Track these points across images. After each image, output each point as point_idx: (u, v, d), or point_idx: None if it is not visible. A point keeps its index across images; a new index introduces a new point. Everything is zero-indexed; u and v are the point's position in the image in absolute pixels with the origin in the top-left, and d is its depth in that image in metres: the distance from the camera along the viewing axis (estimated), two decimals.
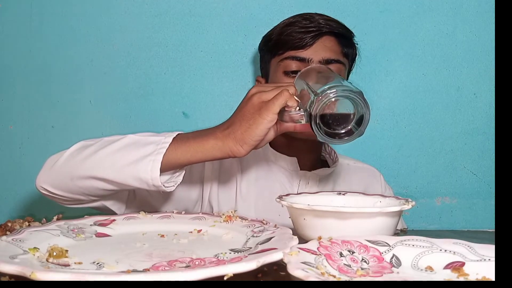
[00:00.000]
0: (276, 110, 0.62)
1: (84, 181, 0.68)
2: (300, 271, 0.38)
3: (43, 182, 0.72)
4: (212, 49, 1.15)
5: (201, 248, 0.53)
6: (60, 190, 0.71)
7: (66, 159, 0.70)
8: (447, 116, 1.17)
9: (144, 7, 1.14)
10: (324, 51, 0.86)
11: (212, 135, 0.65)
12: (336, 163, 0.95)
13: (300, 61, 0.86)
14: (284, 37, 0.88)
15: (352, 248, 0.49)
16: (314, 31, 0.86)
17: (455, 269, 0.45)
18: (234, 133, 0.64)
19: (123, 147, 0.67)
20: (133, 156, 0.65)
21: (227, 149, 0.64)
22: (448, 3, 1.16)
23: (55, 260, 0.46)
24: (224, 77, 1.15)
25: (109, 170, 0.66)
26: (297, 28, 0.87)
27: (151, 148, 0.65)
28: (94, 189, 0.69)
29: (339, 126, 0.60)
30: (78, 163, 0.68)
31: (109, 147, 0.67)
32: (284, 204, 0.59)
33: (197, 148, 0.65)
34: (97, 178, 0.67)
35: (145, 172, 0.64)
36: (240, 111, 0.65)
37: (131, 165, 0.65)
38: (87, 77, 1.14)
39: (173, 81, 1.15)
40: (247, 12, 1.15)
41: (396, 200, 0.63)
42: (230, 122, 0.66)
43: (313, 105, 0.58)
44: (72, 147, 0.71)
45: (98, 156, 0.67)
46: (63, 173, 0.70)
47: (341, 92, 0.57)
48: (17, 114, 1.14)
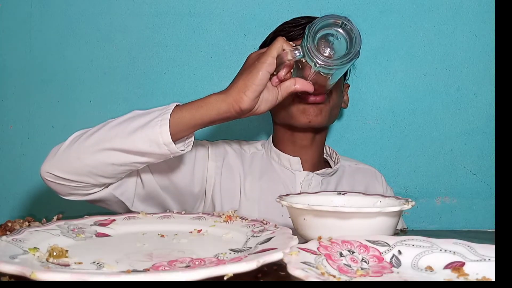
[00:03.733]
0: (274, 53, 0.66)
1: (92, 156, 0.68)
2: (300, 271, 0.38)
3: (49, 168, 0.71)
4: (212, 49, 1.15)
5: (201, 248, 0.53)
6: (67, 173, 0.70)
7: (70, 142, 0.70)
8: (447, 116, 1.17)
9: (144, 7, 1.14)
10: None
11: (214, 102, 0.68)
12: (338, 163, 0.95)
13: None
14: (278, 33, 0.89)
15: (352, 248, 0.49)
16: (305, 23, 0.87)
17: (455, 269, 0.45)
18: (236, 83, 0.68)
19: (128, 118, 0.70)
20: (140, 122, 0.67)
21: (231, 99, 0.67)
22: (448, 3, 1.16)
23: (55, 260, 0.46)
24: (224, 77, 1.15)
25: (117, 139, 0.67)
26: (291, 23, 0.90)
27: (156, 113, 0.68)
28: (103, 164, 0.69)
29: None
30: (84, 141, 0.69)
31: (112, 121, 0.70)
32: (284, 204, 0.59)
33: (201, 103, 0.68)
34: (106, 149, 0.67)
35: (154, 132, 0.65)
36: (240, 72, 0.70)
37: (139, 129, 0.66)
38: (87, 77, 1.14)
39: (173, 81, 1.15)
40: (247, 12, 1.15)
41: (396, 200, 0.63)
42: (231, 85, 0.69)
43: (306, 36, 0.64)
44: (72, 135, 0.72)
45: (104, 130, 0.69)
46: (70, 155, 0.69)
47: (327, 20, 0.65)
48: (17, 114, 1.14)
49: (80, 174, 0.70)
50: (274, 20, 1.11)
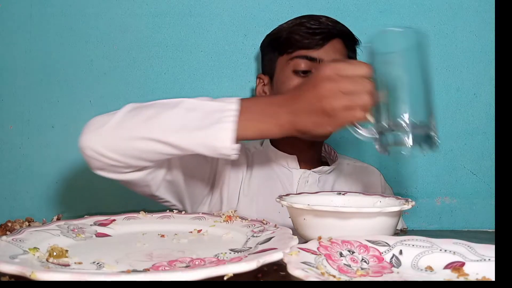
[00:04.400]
0: (345, 126, 0.61)
1: (144, 143, 0.65)
2: (300, 271, 0.38)
3: (93, 142, 0.66)
4: (212, 49, 1.15)
5: (201, 248, 0.53)
6: (112, 151, 0.66)
7: (121, 118, 0.66)
8: (447, 116, 1.17)
9: (144, 7, 1.14)
10: (334, 53, 0.87)
11: (277, 120, 0.64)
12: (335, 162, 0.95)
13: (310, 60, 0.86)
14: (295, 36, 0.88)
15: (352, 248, 0.49)
16: (324, 32, 0.87)
17: (455, 269, 0.45)
18: (296, 124, 0.63)
19: (188, 111, 0.65)
20: (202, 122, 0.63)
21: (300, 126, 0.63)
22: (448, 3, 1.16)
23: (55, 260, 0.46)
24: (224, 77, 1.15)
25: (176, 134, 0.64)
26: (306, 29, 0.88)
27: (220, 114, 0.63)
28: (152, 152, 0.66)
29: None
30: (140, 123, 0.65)
31: (173, 111, 0.65)
32: (284, 204, 0.59)
33: (265, 111, 0.64)
34: (160, 141, 0.64)
35: (215, 142, 0.62)
36: (311, 101, 0.62)
37: (201, 131, 0.62)
38: (87, 77, 1.14)
39: (173, 81, 1.15)
40: (247, 12, 1.15)
41: (396, 200, 0.63)
42: (298, 107, 0.63)
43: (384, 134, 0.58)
44: (123, 108, 0.68)
45: (163, 118, 0.65)
46: (120, 133, 0.66)
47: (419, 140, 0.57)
48: (17, 114, 1.14)
49: (125, 155, 0.67)
50: (274, 20, 1.11)
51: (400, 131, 0.58)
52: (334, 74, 0.60)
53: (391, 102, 0.59)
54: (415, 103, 0.58)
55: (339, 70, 0.60)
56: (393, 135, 0.58)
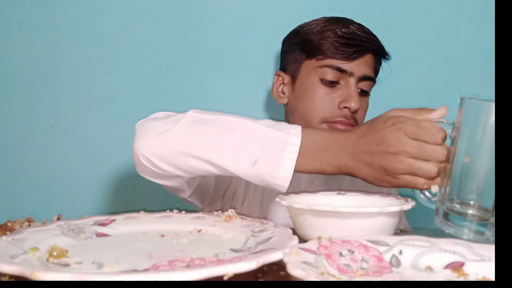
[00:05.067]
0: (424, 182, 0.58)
1: (198, 162, 0.63)
2: (300, 270, 0.38)
3: (147, 150, 0.64)
4: (212, 49, 1.15)
5: (201, 248, 0.53)
6: (164, 162, 0.65)
7: (181, 132, 0.64)
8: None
9: (144, 7, 1.14)
10: (365, 68, 0.87)
11: (335, 161, 0.61)
12: None
13: (340, 71, 0.85)
14: (326, 43, 0.86)
15: (352, 248, 0.49)
16: (358, 45, 0.85)
17: (455, 269, 0.45)
18: (354, 170, 0.61)
19: (248, 138, 0.62)
20: (261, 151, 0.61)
21: (363, 175, 0.62)
22: (448, 3, 1.16)
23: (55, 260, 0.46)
24: (224, 77, 1.15)
25: (233, 162, 0.62)
26: (338, 37, 0.85)
27: (281, 148, 0.61)
28: (203, 171, 0.65)
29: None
30: (199, 142, 0.63)
31: (232, 134, 0.63)
32: (284, 204, 0.59)
33: (319, 167, 0.62)
34: (215, 165, 0.63)
35: (274, 178, 0.60)
36: (376, 154, 0.59)
37: (259, 164, 0.60)
38: (87, 77, 1.14)
39: (173, 81, 1.15)
40: (247, 12, 1.15)
41: (396, 200, 0.63)
42: (360, 156, 0.60)
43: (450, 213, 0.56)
44: (185, 117, 0.65)
45: (222, 142, 0.63)
46: (176, 147, 0.64)
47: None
48: (17, 114, 1.14)
49: (176, 168, 0.65)
50: (274, 20, 1.11)
51: (466, 214, 0.55)
52: (410, 135, 0.57)
53: (463, 180, 0.55)
54: (486, 187, 0.54)
55: (417, 134, 0.57)
56: (458, 217, 0.55)
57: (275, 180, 0.61)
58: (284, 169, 0.60)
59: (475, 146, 0.54)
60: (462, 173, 0.55)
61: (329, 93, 0.86)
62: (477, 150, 0.54)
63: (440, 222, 0.57)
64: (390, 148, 0.57)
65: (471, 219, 0.54)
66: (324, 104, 0.86)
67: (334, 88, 0.86)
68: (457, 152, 0.56)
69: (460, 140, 0.56)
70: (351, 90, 0.85)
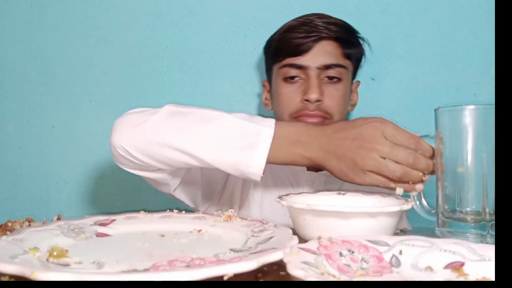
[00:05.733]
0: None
1: (174, 152, 0.65)
2: (300, 270, 0.38)
3: (123, 141, 0.67)
4: (212, 49, 1.15)
5: (201, 247, 0.53)
6: (141, 153, 0.66)
7: (157, 123, 0.66)
8: None
9: (144, 7, 1.14)
10: (323, 57, 0.86)
11: (307, 152, 0.63)
12: None
13: (298, 68, 0.86)
14: (283, 43, 0.89)
15: (352, 247, 0.49)
16: (311, 36, 0.86)
17: (455, 269, 0.45)
18: (324, 162, 0.62)
19: (223, 129, 0.64)
20: (235, 142, 0.63)
21: (337, 170, 0.63)
22: (448, 3, 1.16)
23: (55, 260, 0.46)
24: (224, 77, 1.15)
25: (208, 151, 0.64)
26: (295, 34, 0.87)
27: (255, 138, 0.62)
28: (180, 162, 0.66)
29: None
30: (172, 132, 0.65)
31: (207, 126, 0.64)
32: (284, 204, 0.59)
33: (291, 157, 0.64)
34: (191, 155, 0.64)
35: (250, 164, 0.62)
36: (348, 148, 0.60)
37: (233, 152, 0.62)
38: (87, 77, 1.14)
39: (173, 81, 1.15)
40: (247, 12, 1.15)
41: (396, 200, 0.63)
42: (332, 148, 0.62)
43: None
44: (162, 109, 0.67)
45: (198, 132, 0.64)
46: (152, 138, 0.65)
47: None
48: (17, 114, 1.14)
49: (153, 159, 0.67)
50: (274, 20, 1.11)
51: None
52: (384, 136, 0.59)
53: (457, 188, 0.56)
54: (482, 191, 0.55)
55: (393, 136, 0.59)
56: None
57: (249, 169, 0.62)
58: (257, 158, 0.62)
59: (460, 152, 0.56)
60: (455, 182, 0.56)
61: (292, 90, 0.88)
62: (462, 155, 0.55)
63: (441, 233, 0.58)
64: (364, 143, 0.59)
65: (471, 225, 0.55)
66: (289, 101, 0.88)
67: (296, 83, 0.88)
68: (445, 162, 0.57)
69: (445, 149, 0.57)
70: (309, 82, 0.86)
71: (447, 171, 0.57)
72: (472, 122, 0.55)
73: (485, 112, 0.55)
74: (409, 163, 0.58)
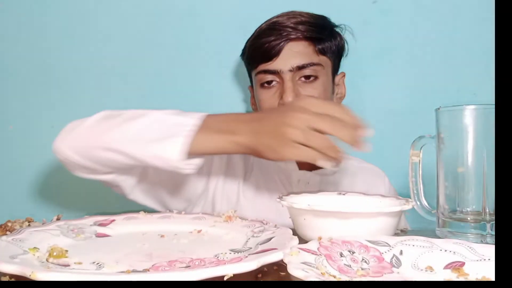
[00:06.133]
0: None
1: (104, 152, 0.66)
2: (300, 271, 0.38)
3: (62, 147, 0.69)
4: (212, 49, 1.15)
5: (201, 248, 0.53)
6: (79, 155, 0.68)
7: (90, 125, 0.68)
8: None
9: (144, 7, 1.14)
10: (294, 58, 0.85)
11: (234, 137, 0.62)
12: None
13: (272, 73, 0.86)
14: (254, 50, 0.89)
15: (352, 248, 0.49)
16: (280, 39, 0.85)
17: (455, 269, 0.45)
18: (252, 144, 0.61)
19: (149, 124, 0.64)
20: (159, 134, 0.63)
21: (261, 149, 0.61)
22: (448, 3, 1.16)
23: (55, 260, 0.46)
24: (224, 77, 1.15)
25: (131, 145, 0.64)
26: (265, 39, 0.87)
27: (178, 128, 0.62)
28: (112, 161, 0.67)
29: None
30: (102, 132, 0.66)
31: (134, 122, 0.65)
32: (284, 204, 0.59)
33: (217, 144, 0.63)
34: (117, 151, 0.65)
35: (169, 153, 0.61)
36: (275, 125, 0.60)
37: (155, 144, 0.62)
38: (87, 77, 1.14)
39: (173, 81, 1.15)
40: (247, 12, 1.15)
41: (396, 200, 0.63)
42: (259, 128, 0.61)
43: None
44: (96, 114, 0.69)
45: (124, 128, 0.65)
46: (85, 140, 0.67)
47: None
48: (17, 114, 1.14)
49: (91, 161, 0.68)
50: None
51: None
52: (307, 108, 0.59)
53: (458, 188, 0.56)
54: (482, 191, 0.55)
55: (312, 105, 0.59)
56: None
57: (172, 161, 0.61)
58: (176, 145, 0.61)
59: (460, 152, 0.56)
60: (455, 182, 0.56)
61: (270, 95, 0.87)
62: (462, 155, 0.56)
63: (441, 233, 0.58)
64: (291, 114, 0.58)
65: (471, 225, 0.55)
66: (269, 106, 0.87)
67: (273, 88, 0.87)
68: (444, 162, 0.56)
69: (445, 149, 0.57)
70: (284, 85, 0.85)
71: (447, 171, 0.57)
72: (472, 122, 0.55)
73: (485, 112, 0.55)
74: (336, 129, 0.57)
